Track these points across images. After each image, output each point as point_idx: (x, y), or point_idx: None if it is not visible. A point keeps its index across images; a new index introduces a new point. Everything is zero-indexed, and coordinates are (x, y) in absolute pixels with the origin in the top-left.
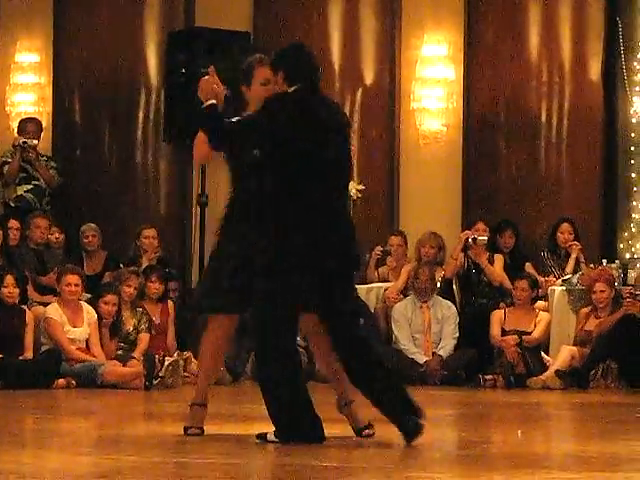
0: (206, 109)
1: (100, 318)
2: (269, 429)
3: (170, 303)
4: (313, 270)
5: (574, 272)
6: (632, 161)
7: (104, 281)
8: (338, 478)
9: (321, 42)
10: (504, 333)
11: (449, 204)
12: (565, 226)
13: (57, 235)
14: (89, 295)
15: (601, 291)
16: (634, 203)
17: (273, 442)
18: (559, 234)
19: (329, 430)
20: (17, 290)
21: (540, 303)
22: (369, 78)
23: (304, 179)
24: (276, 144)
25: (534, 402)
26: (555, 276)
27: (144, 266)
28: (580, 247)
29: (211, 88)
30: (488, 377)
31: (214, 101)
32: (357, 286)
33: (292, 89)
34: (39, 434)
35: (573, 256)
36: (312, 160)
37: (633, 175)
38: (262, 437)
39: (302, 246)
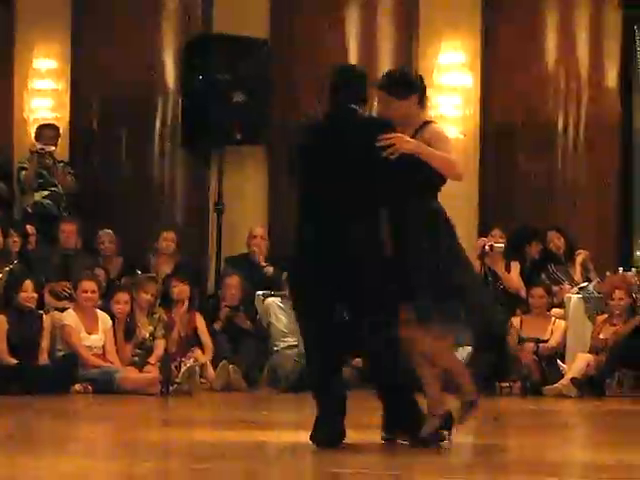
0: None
1: (113, 320)
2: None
3: (198, 315)
4: None
5: (585, 280)
6: None
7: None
8: None
9: (338, 50)
10: (520, 340)
11: (466, 211)
12: (552, 234)
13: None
14: (100, 301)
15: (620, 299)
16: None
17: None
18: (551, 244)
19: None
20: (36, 295)
21: (556, 310)
22: None
23: None
24: None
25: (550, 410)
26: (568, 284)
27: (162, 270)
28: (586, 253)
29: None
30: (504, 384)
31: None
32: None
33: None
34: (55, 439)
35: (578, 260)
36: None
37: None
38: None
39: None
